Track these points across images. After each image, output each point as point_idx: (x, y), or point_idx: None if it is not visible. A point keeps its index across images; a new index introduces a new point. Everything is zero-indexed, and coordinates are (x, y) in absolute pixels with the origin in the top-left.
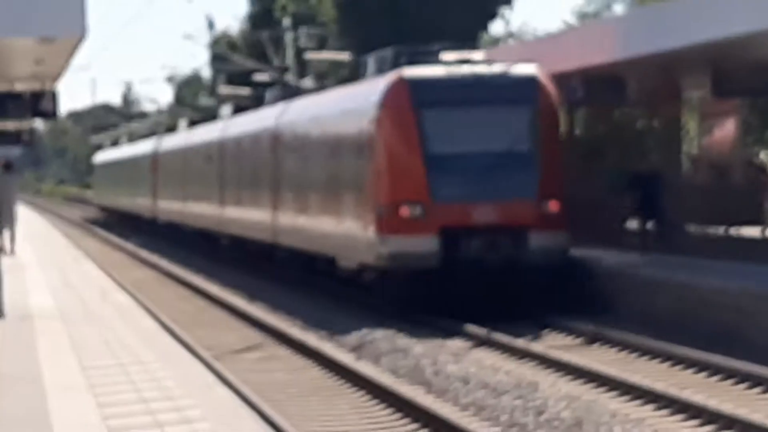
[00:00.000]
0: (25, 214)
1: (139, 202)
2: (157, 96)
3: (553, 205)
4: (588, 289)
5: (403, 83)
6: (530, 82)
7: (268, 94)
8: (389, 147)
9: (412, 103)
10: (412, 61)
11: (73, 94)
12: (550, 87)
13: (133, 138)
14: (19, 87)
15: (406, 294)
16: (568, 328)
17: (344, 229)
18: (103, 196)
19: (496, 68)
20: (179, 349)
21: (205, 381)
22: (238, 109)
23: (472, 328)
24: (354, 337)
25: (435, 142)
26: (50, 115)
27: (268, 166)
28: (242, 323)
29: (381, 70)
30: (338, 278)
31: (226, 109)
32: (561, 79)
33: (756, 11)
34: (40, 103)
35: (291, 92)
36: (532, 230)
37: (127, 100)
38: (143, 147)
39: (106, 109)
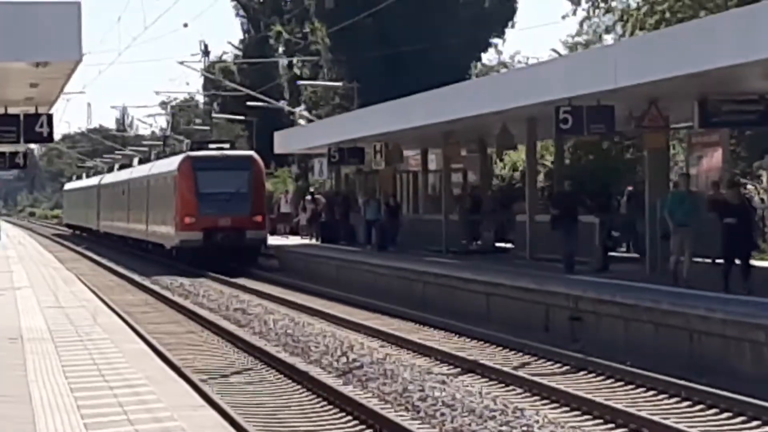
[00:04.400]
0: (19, 237)
1: (89, 220)
2: (153, 120)
3: (258, 218)
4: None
5: (189, 158)
6: (249, 158)
7: (152, 154)
8: (181, 189)
9: (193, 167)
10: (198, 148)
11: (69, 119)
12: (260, 161)
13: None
14: (14, 110)
15: (189, 260)
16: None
17: (166, 230)
18: (69, 216)
19: (234, 152)
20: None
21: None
22: (142, 161)
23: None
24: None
25: (202, 187)
26: (45, 138)
27: (144, 197)
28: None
29: (184, 151)
30: (167, 254)
31: (135, 160)
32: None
33: (742, 43)
34: (35, 126)
35: (161, 153)
36: (247, 230)
37: (122, 124)
38: (93, 180)
39: (101, 133)
